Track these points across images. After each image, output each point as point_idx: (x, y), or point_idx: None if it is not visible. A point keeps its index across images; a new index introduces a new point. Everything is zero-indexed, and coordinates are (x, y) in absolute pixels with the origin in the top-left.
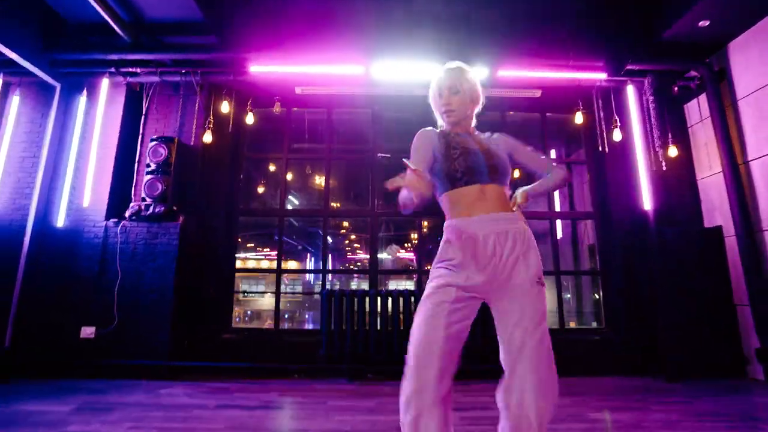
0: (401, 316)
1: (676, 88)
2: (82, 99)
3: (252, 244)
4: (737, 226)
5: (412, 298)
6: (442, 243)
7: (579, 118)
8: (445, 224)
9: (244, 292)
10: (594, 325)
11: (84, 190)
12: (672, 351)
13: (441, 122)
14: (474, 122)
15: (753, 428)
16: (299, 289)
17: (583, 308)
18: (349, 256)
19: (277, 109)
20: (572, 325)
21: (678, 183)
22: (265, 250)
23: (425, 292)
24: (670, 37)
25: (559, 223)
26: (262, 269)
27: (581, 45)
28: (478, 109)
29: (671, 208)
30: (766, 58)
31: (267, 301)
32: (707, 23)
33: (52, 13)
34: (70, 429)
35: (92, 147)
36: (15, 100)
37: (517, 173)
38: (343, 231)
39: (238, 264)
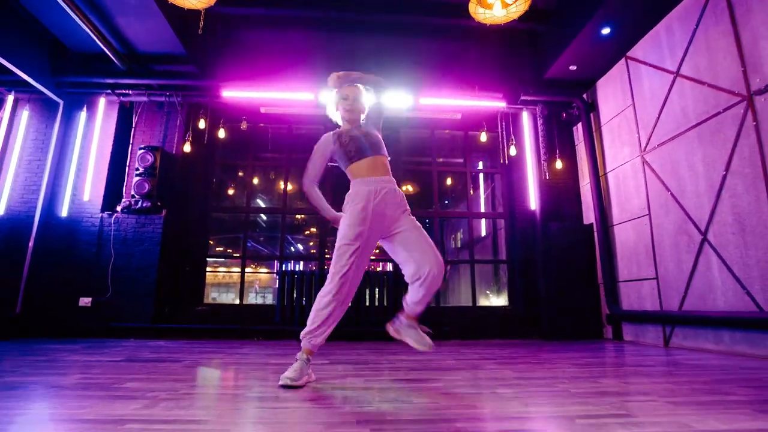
0: None
1: (564, 114)
2: (83, 114)
3: (221, 248)
4: (597, 222)
5: None
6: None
7: (483, 137)
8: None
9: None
10: (502, 302)
11: (84, 188)
12: (548, 319)
13: (339, 120)
14: (362, 121)
15: (588, 357)
16: (270, 297)
17: (500, 290)
18: (313, 252)
19: (243, 126)
20: (485, 303)
21: (566, 188)
22: (235, 255)
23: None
24: (552, 76)
25: (483, 226)
26: (230, 255)
27: (486, 79)
28: (363, 115)
29: (559, 208)
30: (619, 95)
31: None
32: (575, 68)
33: (59, 43)
34: (79, 356)
35: (91, 153)
36: (24, 114)
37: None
38: (308, 233)
39: (209, 268)
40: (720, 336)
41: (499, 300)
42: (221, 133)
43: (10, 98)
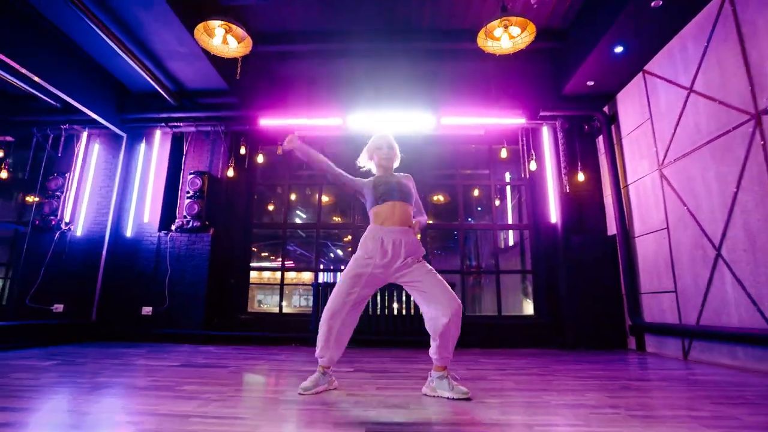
0: (376, 300)
1: (586, 126)
2: (142, 145)
3: (266, 254)
4: (619, 234)
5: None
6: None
7: (503, 153)
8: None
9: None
10: (528, 312)
11: (144, 210)
12: (572, 329)
13: (372, 167)
14: (395, 166)
15: (612, 370)
16: (311, 299)
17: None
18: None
19: (279, 151)
20: (513, 311)
21: (589, 199)
22: (278, 261)
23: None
24: (571, 92)
25: (511, 234)
26: (269, 267)
27: (506, 96)
28: (396, 162)
29: (582, 219)
30: (637, 108)
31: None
32: (593, 83)
33: (121, 85)
34: (145, 360)
35: (149, 179)
36: (96, 147)
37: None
38: (347, 240)
39: (253, 272)
40: (734, 351)
41: (526, 308)
42: (260, 159)
43: (84, 134)
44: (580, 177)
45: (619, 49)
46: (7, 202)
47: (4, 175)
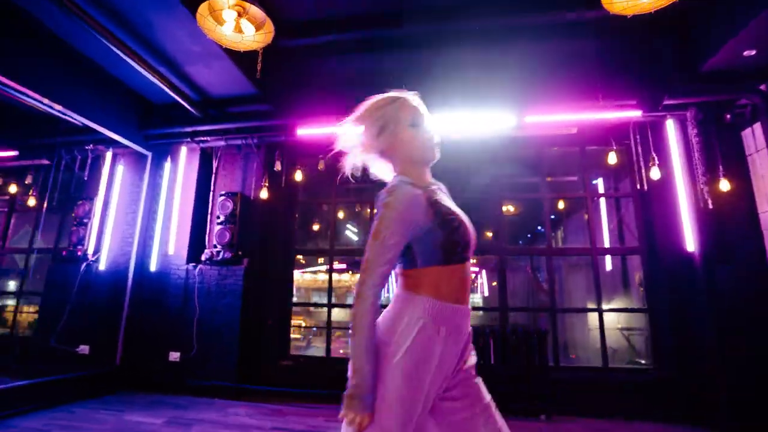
0: None
1: (728, 116)
2: (167, 164)
3: (312, 268)
4: None
5: None
6: (417, 330)
7: (612, 158)
8: (419, 305)
9: (314, 303)
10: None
11: (169, 241)
12: (722, 392)
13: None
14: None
15: None
16: None
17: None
18: None
19: (321, 166)
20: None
21: (734, 217)
22: (320, 261)
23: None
24: (712, 68)
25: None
26: (316, 303)
27: (611, 83)
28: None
29: (725, 245)
30: None
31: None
32: (753, 52)
33: (143, 98)
34: None
35: (174, 202)
36: (120, 168)
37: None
38: None
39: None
40: None
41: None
42: (298, 176)
43: (108, 155)
44: (723, 186)
45: None
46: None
47: (32, 202)
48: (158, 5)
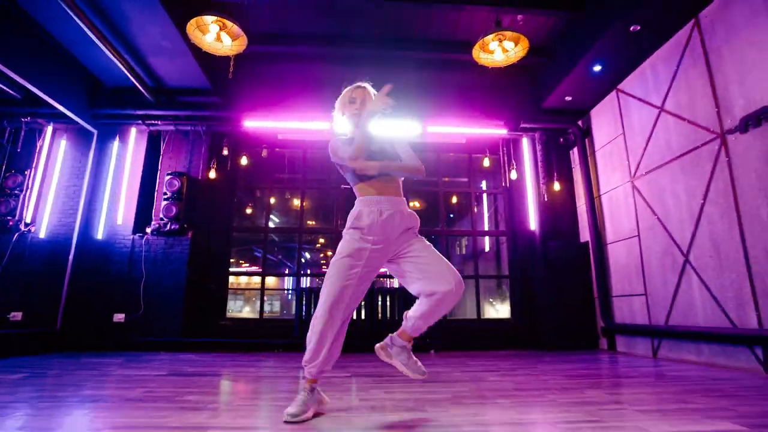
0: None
1: (562, 139)
2: (115, 143)
3: (233, 259)
4: (592, 241)
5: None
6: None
7: (486, 163)
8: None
9: (251, 272)
10: (505, 315)
11: (117, 211)
12: (547, 331)
13: (342, 124)
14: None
15: (582, 367)
16: (277, 305)
17: (502, 302)
18: (324, 268)
19: (264, 153)
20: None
21: (563, 208)
22: (245, 265)
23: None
24: (550, 106)
25: (487, 239)
26: (251, 272)
27: (489, 108)
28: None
29: (556, 227)
30: (611, 123)
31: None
32: (570, 98)
33: (95, 79)
34: (125, 370)
35: (123, 179)
36: (62, 143)
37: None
38: (319, 246)
39: (231, 279)
40: (700, 349)
41: (502, 311)
42: (243, 161)
43: (48, 129)
44: (556, 186)
45: (597, 68)
46: None
47: None
48: (137, 1)
